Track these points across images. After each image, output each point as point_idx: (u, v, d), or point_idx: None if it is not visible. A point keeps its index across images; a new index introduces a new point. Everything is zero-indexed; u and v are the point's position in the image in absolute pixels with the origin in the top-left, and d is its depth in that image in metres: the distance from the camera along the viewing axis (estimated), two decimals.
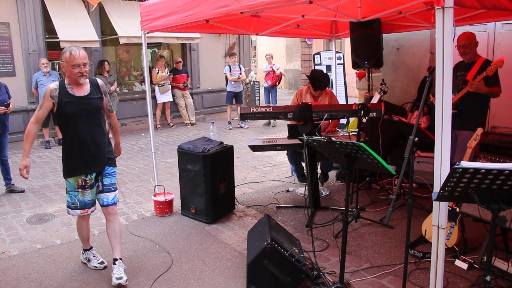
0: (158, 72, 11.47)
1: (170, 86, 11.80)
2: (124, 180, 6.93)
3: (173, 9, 4.63)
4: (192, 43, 12.79)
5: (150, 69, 11.43)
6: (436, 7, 2.55)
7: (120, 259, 3.79)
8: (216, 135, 5.96)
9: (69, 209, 3.81)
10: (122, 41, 10.48)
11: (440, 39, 2.57)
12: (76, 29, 9.85)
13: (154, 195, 5.42)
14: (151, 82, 11.22)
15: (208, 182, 4.88)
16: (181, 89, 12.08)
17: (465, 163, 2.13)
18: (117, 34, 10.45)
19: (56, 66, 10.77)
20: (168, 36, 10.82)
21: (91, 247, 4.10)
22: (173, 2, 4.64)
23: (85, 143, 3.66)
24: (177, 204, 5.46)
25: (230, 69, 11.75)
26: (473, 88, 4.57)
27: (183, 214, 5.28)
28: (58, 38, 9.48)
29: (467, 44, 4.79)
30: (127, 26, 10.39)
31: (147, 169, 7.58)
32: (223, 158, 5.12)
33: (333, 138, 2.82)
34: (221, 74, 12.63)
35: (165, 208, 5.31)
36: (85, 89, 3.68)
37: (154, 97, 11.49)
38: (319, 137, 2.98)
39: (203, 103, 13.50)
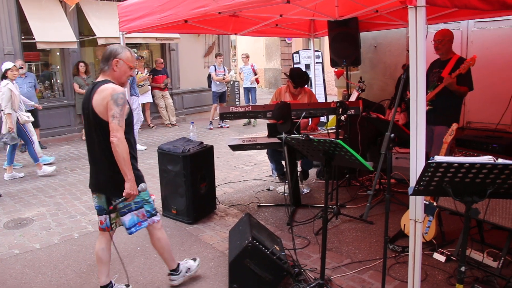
0: (137, 73, 11.39)
1: (149, 87, 11.71)
2: None
3: (151, 10, 4.63)
4: (171, 44, 12.74)
5: None
6: (409, 6, 2.60)
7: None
8: (196, 135, 5.96)
9: (154, 218, 3.47)
10: (100, 41, 10.38)
11: (413, 37, 2.63)
12: (53, 30, 9.74)
13: None
14: None
15: (188, 183, 4.88)
16: (161, 89, 12.02)
17: (438, 158, 2.19)
18: (95, 35, 10.35)
19: (33, 68, 10.62)
20: (147, 36, 10.75)
21: None
22: (151, 2, 4.63)
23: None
24: (158, 205, 5.43)
25: (215, 69, 11.74)
26: (447, 83, 4.66)
27: (164, 215, 5.27)
28: (34, 39, 9.37)
29: (440, 39, 4.90)
30: (105, 26, 10.31)
31: None
32: (203, 158, 5.12)
33: (311, 136, 2.86)
34: (201, 74, 12.61)
35: None
36: None
37: None
38: (298, 135, 3.01)
39: (183, 104, 13.45)
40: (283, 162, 5.95)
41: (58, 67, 10.79)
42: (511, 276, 3.32)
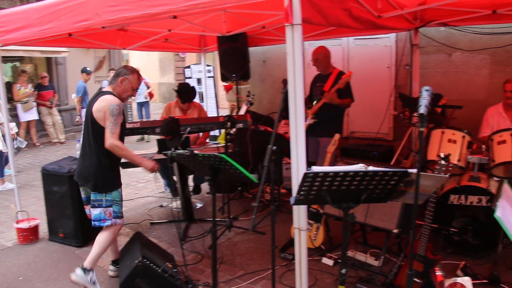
0: (20, 89, 10.63)
1: (34, 103, 10.97)
2: None
3: (30, 22, 4.37)
4: (58, 57, 12.10)
5: (11, 85, 10.59)
6: (286, 24, 2.73)
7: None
8: None
9: (117, 220, 3.80)
10: None
11: (290, 54, 2.76)
12: None
13: (17, 222, 5.02)
14: (12, 99, 10.39)
15: (76, 204, 4.65)
16: (48, 106, 11.31)
17: (315, 168, 2.31)
18: None
19: None
20: (31, 49, 10.08)
21: None
22: (29, 14, 4.38)
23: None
24: (44, 230, 5.11)
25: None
26: (327, 99, 4.93)
27: (51, 240, 4.97)
28: None
29: (316, 58, 5.19)
30: None
31: (9, 194, 6.98)
32: None
33: (196, 151, 2.87)
34: (91, 89, 12.08)
35: (29, 235, 4.94)
36: None
37: (16, 116, 10.64)
38: (183, 151, 3.01)
39: (73, 120, 12.77)
40: (175, 178, 5.89)
41: None
42: (388, 272, 3.57)
